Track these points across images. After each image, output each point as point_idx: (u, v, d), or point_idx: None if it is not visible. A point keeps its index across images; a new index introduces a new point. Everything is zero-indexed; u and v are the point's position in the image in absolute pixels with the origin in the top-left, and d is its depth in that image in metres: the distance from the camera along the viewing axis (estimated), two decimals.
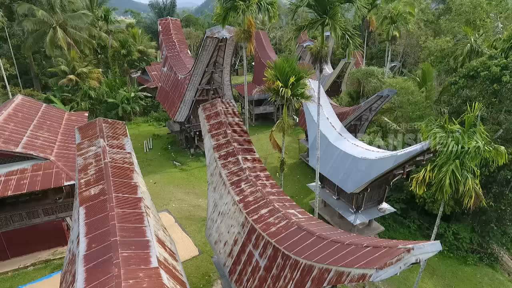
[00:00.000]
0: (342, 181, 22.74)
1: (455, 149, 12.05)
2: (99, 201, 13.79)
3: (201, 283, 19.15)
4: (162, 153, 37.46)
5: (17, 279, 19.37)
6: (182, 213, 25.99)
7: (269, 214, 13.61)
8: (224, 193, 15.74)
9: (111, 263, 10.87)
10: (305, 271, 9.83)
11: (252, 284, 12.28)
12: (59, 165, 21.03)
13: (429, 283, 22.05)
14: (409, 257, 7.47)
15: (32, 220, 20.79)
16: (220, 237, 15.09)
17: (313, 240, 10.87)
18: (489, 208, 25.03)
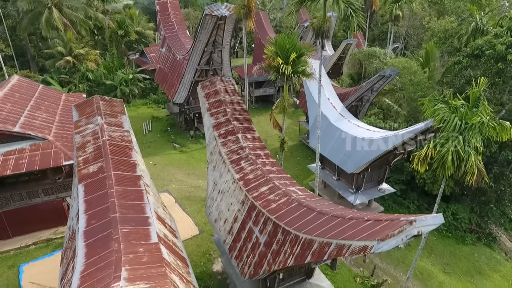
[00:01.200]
0: (342, 161, 22.65)
1: (458, 124, 11.85)
2: (98, 178, 13.68)
3: (201, 261, 19.33)
4: (161, 135, 37.24)
5: (19, 257, 19.54)
6: (182, 194, 26.02)
7: (269, 191, 13.53)
8: (224, 171, 15.64)
9: (111, 238, 10.85)
10: (305, 245, 9.81)
11: (252, 260, 12.33)
12: (57, 145, 20.85)
13: (427, 261, 22.29)
14: (411, 229, 7.40)
15: (32, 200, 20.80)
16: (220, 215, 15.08)
17: (314, 216, 10.82)
18: (489, 188, 25.08)
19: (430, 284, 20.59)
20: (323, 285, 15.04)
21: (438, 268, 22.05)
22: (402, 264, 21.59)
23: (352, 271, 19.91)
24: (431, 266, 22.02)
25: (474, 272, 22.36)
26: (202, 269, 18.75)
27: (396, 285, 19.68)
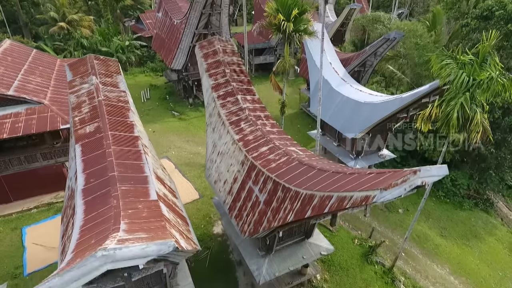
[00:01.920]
0: (343, 126, 22.35)
1: (466, 81, 11.43)
2: (95, 138, 13.45)
3: (202, 224, 19.57)
4: (160, 103, 36.71)
5: (22, 220, 19.75)
6: (181, 160, 25.97)
7: (269, 151, 13.34)
8: (223, 133, 15.37)
9: (110, 195, 10.77)
10: (305, 200, 9.72)
11: (252, 218, 12.36)
12: (53, 109, 20.46)
13: (424, 225, 22.61)
14: (415, 179, 7.22)
15: (31, 164, 20.72)
16: (219, 177, 14.99)
17: (315, 173, 10.68)
18: (489, 155, 25.00)
19: (426, 246, 20.98)
20: (322, 245, 15.24)
21: (435, 231, 22.41)
22: (400, 227, 21.90)
23: (350, 234, 20.22)
24: (428, 229, 22.37)
25: (470, 236, 22.75)
26: (202, 231, 19.00)
27: (394, 247, 20.05)
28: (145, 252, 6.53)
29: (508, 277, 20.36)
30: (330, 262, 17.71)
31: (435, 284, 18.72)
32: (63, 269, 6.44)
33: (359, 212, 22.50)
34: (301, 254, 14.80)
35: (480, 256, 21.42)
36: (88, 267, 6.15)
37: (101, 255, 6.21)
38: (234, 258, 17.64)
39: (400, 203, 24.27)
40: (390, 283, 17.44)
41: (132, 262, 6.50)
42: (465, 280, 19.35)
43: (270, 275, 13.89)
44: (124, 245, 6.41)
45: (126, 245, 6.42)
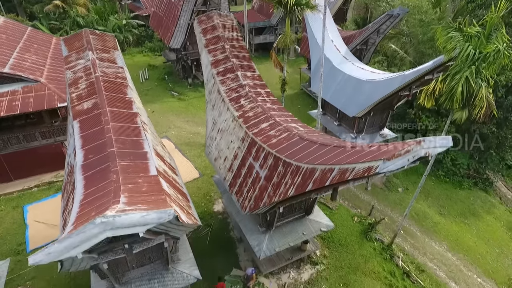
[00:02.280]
0: (344, 105, 22.10)
1: (472, 54, 11.14)
2: (93, 115, 13.26)
3: (202, 202, 19.65)
4: (159, 84, 36.23)
5: (23, 198, 19.82)
6: (181, 140, 25.85)
7: (269, 127, 13.19)
8: (223, 110, 15.17)
9: (109, 171, 10.68)
10: (306, 174, 9.65)
11: (253, 194, 12.34)
12: (50, 87, 20.15)
13: (423, 204, 22.75)
14: (419, 150, 7.11)
15: (30, 143, 20.61)
16: (220, 154, 14.90)
17: (316, 147, 10.56)
18: (490, 134, 24.88)
19: (425, 224, 21.17)
20: (322, 222, 15.33)
21: (434, 210, 22.57)
22: (399, 206, 22.04)
23: (350, 212, 20.36)
24: (427, 208, 22.52)
25: (469, 214, 22.93)
26: (203, 209, 19.10)
27: (392, 225, 20.23)
28: (145, 220, 6.49)
29: (505, 253, 20.66)
30: (329, 239, 17.89)
31: (433, 260, 18.99)
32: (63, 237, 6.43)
33: (359, 190, 22.59)
34: (301, 230, 14.90)
35: (478, 233, 21.67)
36: (87, 234, 6.12)
37: (100, 221, 6.17)
38: (235, 235, 17.81)
39: (400, 182, 24.35)
40: (388, 259, 17.68)
41: (132, 230, 6.46)
42: (463, 256, 19.62)
43: (270, 250, 14.03)
44: (123, 213, 6.35)
45: (125, 212, 6.36)
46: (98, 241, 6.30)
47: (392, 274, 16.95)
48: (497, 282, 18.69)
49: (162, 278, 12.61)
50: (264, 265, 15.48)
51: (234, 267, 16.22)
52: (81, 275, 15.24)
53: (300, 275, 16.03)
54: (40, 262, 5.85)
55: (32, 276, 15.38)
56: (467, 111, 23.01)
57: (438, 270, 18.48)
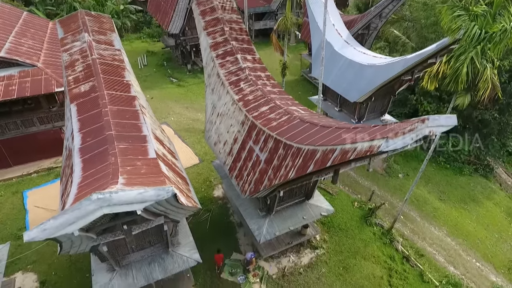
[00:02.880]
0: (345, 90, 21.82)
1: (477, 34, 10.86)
2: (90, 98, 13.06)
3: (202, 188, 19.61)
4: (157, 70, 35.82)
5: (22, 184, 19.77)
6: (181, 126, 25.67)
7: (270, 111, 13.00)
8: (222, 93, 14.94)
9: (108, 153, 10.55)
10: (307, 156, 9.52)
11: (253, 178, 12.24)
12: (47, 72, 19.85)
13: (423, 189, 22.72)
14: (423, 128, 6.95)
15: (28, 129, 20.44)
16: (219, 138, 14.75)
17: (317, 129, 10.41)
18: (492, 120, 24.67)
19: (425, 209, 21.18)
20: (322, 206, 15.30)
21: (434, 195, 22.55)
22: (399, 191, 22.02)
23: (350, 197, 20.34)
24: (427, 193, 22.50)
25: (469, 200, 22.93)
26: (203, 194, 19.07)
27: (392, 210, 20.23)
28: (142, 197, 6.37)
29: (504, 238, 20.73)
30: (329, 224, 17.91)
31: (432, 245, 19.06)
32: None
33: (359, 176, 22.54)
34: (302, 214, 14.88)
35: (477, 219, 21.70)
36: (82, 210, 6.01)
37: (96, 198, 6.05)
38: (235, 220, 17.83)
39: (400, 168, 24.28)
40: (388, 244, 17.73)
41: (130, 207, 6.34)
42: (462, 241, 19.69)
43: (270, 234, 14.03)
44: (120, 190, 6.23)
45: (123, 189, 6.23)
46: (95, 218, 6.18)
47: (392, 258, 17.02)
48: (495, 266, 18.79)
49: (162, 261, 12.64)
50: (264, 249, 15.52)
51: (234, 251, 16.27)
52: (82, 259, 15.30)
53: (300, 259, 16.10)
54: (35, 238, 5.77)
55: (33, 260, 15.44)
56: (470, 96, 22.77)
57: (437, 255, 18.56)
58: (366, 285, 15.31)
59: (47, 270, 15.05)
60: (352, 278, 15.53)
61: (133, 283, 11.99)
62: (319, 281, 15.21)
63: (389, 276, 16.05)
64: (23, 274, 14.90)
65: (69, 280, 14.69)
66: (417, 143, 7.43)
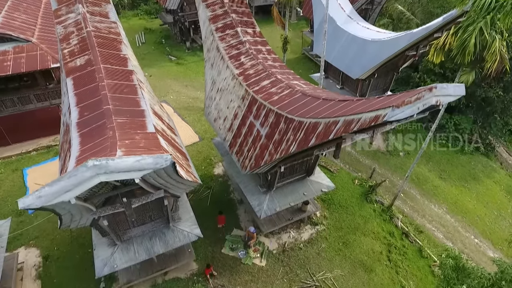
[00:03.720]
0: (348, 67, 21.38)
1: (487, 2, 10.42)
2: (86, 72, 12.72)
3: (202, 166, 19.54)
4: (156, 48, 35.05)
5: (22, 162, 19.68)
6: (180, 104, 25.34)
7: (271, 85, 12.70)
8: (222, 68, 14.57)
9: (106, 127, 10.35)
10: (309, 129, 9.32)
11: (253, 153, 12.10)
12: (43, 47, 19.34)
13: (424, 168, 22.68)
14: (430, 97, 6.71)
15: (25, 106, 20.15)
16: (219, 114, 14.51)
17: (320, 103, 10.16)
18: (496, 98, 24.32)
19: (425, 187, 21.21)
20: (323, 183, 15.25)
21: (434, 174, 22.53)
22: (400, 170, 21.97)
23: (351, 175, 20.31)
24: (427, 172, 22.47)
25: (469, 178, 22.94)
26: (203, 172, 19.01)
27: (393, 188, 20.25)
28: (140, 164, 6.21)
29: (503, 216, 20.87)
30: (330, 201, 17.95)
31: (431, 222, 19.19)
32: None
33: (360, 155, 22.44)
34: (302, 191, 14.84)
35: (477, 197, 21.77)
36: (79, 177, 5.87)
37: (92, 164, 5.90)
38: (235, 197, 17.85)
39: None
40: (388, 221, 17.83)
41: (127, 175, 6.19)
42: (461, 218, 19.82)
43: (271, 210, 14.04)
44: (117, 157, 6.06)
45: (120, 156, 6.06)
46: (92, 186, 6.04)
47: (391, 234, 17.16)
48: (493, 242, 19.00)
49: (163, 236, 12.69)
50: (264, 225, 15.60)
51: (234, 227, 16.37)
52: (84, 234, 15.41)
53: (300, 235, 16.22)
54: (30, 205, 5.66)
55: (35, 236, 15.55)
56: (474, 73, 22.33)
57: (436, 231, 18.73)
58: (366, 260, 15.49)
59: (50, 246, 15.18)
60: (352, 253, 15.69)
61: (135, 257, 12.09)
62: (319, 256, 15.37)
63: (388, 251, 16.22)
64: (25, 249, 15.03)
65: (72, 255, 14.84)
66: (423, 113, 7.23)
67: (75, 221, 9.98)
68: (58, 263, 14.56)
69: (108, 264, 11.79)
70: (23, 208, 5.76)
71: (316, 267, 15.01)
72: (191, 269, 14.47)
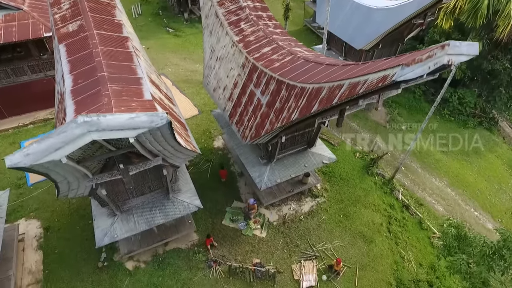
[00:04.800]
0: (351, 37, 20.67)
1: None
2: (79, 38, 12.18)
3: (202, 138, 19.27)
4: (153, 19, 33.89)
5: (19, 135, 19.41)
6: (179, 77, 24.75)
7: (272, 52, 12.19)
8: (221, 35, 13.99)
9: (101, 94, 9.97)
10: (312, 95, 8.96)
11: (254, 123, 11.79)
12: (34, 15, 18.58)
13: (426, 141, 22.41)
14: (442, 55, 6.31)
15: (19, 78, 19.63)
16: (219, 83, 14.07)
17: (323, 68, 9.74)
18: (503, 70, 23.69)
19: (427, 161, 21.05)
20: (324, 154, 15.03)
21: (436, 148, 22.30)
22: (402, 144, 21.72)
23: (352, 148, 20.09)
24: (429, 146, 22.23)
25: (471, 152, 22.74)
26: (203, 145, 18.78)
27: (394, 162, 20.09)
28: (134, 122, 5.90)
29: (504, 189, 20.83)
30: (331, 174, 17.82)
31: (432, 195, 19.17)
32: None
33: (362, 128, 22.14)
34: (303, 162, 14.65)
35: (478, 170, 21.65)
36: (68, 134, 5.57)
37: (82, 120, 5.59)
38: (235, 170, 17.71)
39: (404, 120, 23.81)
40: (388, 193, 17.79)
41: (120, 134, 5.87)
42: (462, 192, 19.79)
43: (271, 181, 13.90)
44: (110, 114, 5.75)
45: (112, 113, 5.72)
46: (84, 145, 5.75)
47: (392, 206, 17.15)
48: (493, 215, 19.06)
49: (163, 207, 12.61)
50: (265, 197, 15.53)
51: (235, 199, 16.32)
52: (84, 206, 15.37)
53: (300, 207, 16.20)
54: (18, 164, 5.41)
55: (35, 207, 15.52)
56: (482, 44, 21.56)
57: (437, 204, 18.73)
58: (366, 231, 15.54)
59: (50, 217, 15.17)
60: (352, 224, 15.72)
61: (135, 227, 12.06)
62: (319, 228, 15.41)
63: (388, 223, 16.26)
64: (26, 221, 15.03)
65: (72, 226, 14.86)
66: (433, 75, 6.85)
67: (73, 189, 9.82)
68: (59, 234, 14.60)
69: (108, 234, 11.77)
70: (10, 167, 5.53)
71: (316, 238, 15.07)
72: (192, 240, 14.53)
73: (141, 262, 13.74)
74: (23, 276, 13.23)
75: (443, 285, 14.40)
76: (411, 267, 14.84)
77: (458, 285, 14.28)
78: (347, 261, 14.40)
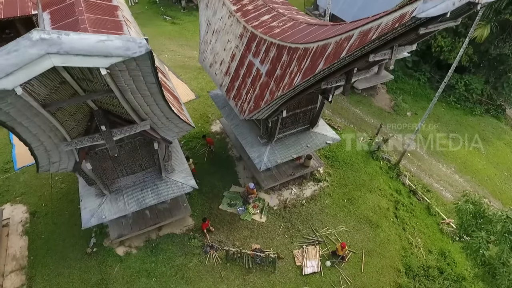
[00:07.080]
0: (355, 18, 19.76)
1: None
2: (64, 5, 11.34)
3: (199, 123, 18.42)
4: (149, 7, 33.06)
5: None
6: (176, 63, 23.91)
7: (272, 19, 11.35)
8: (218, 6, 13.15)
9: None
10: (317, 53, 8.12)
11: (252, 95, 10.95)
12: None
13: (432, 128, 21.60)
14: None
15: None
16: (215, 58, 13.22)
17: (327, 28, 8.91)
18: (511, 54, 22.88)
19: (433, 147, 20.23)
20: (327, 135, 14.20)
21: (442, 134, 21.48)
22: (407, 130, 20.88)
23: (356, 133, 19.26)
24: (436, 132, 21.41)
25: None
26: (200, 129, 17.93)
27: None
28: (105, 46, 4.91)
29: None
30: (334, 158, 16.98)
31: (439, 181, 18.34)
32: None
33: (366, 114, 21.31)
34: (305, 143, 13.82)
35: (487, 158, 20.83)
36: (21, 53, 4.64)
37: (38, 37, 4.64)
38: (234, 154, 16.87)
39: (409, 106, 22.99)
40: (394, 178, 16.96)
41: (89, 61, 4.86)
42: (470, 178, 18.96)
43: (271, 162, 13.07)
44: (73, 32, 4.79)
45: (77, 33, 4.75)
46: (42, 71, 4.84)
47: (398, 192, 16.31)
48: (503, 202, 18.21)
49: (155, 187, 11.77)
50: (264, 181, 14.66)
51: (233, 184, 15.49)
52: (73, 190, 14.52)
53: (302, 191, 15.36)
54: None
55: (22, 192, 14.67)
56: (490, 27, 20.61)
57: (444, 191, 17.91)
58: (371, 216, 14.70)
59: (37, 202, 14.33)
60: (357, 209, 14.88)
61: (125, 208, 11.23)
62: (322, 212, 14.57)
63: (395, 208, 15.42)
64: (11, 206, 14.19)
65: (61, 211, 14.02)
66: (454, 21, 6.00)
67: (54, 162, 9.00)
68: (46, 219, 13.76)
69: (95, 215, 10.94)
70: None
71: (319, 223, 14.23)
72: (187, 224, 13.70)
73: (133, 248, 12.90)
74: (6, 262, 12.39)
75: (454, 271, 13.57)
76: (420, 253, 13.99)
77: (470, 272, 13.44)
78: (352, 246, 13.56)
